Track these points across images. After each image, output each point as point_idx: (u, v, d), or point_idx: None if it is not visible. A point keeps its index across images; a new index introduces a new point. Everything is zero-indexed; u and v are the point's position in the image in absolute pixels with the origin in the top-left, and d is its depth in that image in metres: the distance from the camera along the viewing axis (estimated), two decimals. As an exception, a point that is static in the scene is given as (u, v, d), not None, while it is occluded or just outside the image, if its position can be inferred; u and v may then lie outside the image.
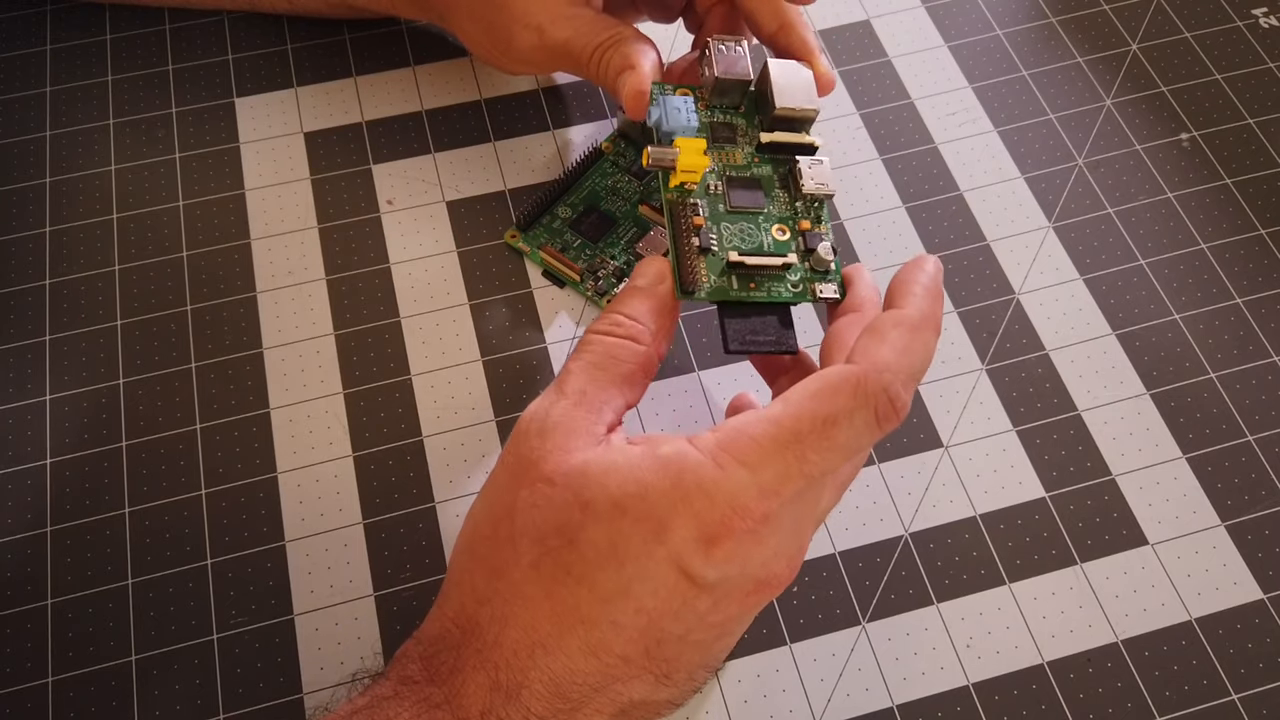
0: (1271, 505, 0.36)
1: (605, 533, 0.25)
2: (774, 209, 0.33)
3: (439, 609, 0.28)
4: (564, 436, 0.27)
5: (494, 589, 0.27)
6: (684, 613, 0.26)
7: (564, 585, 0.26)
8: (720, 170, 0.33)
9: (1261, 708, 0.32)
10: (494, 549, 0.27)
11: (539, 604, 0.26)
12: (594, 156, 0.42)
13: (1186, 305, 0.40)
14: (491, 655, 0.26)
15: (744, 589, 0.26)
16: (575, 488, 0.26)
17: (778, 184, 0.33)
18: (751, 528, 0.25)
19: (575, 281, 0.40)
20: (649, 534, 0.25)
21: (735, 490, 0.25)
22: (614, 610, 0.25)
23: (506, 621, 0.26)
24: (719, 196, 0.33)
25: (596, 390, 0.28)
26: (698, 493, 0.25)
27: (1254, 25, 0.47)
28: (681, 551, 0.25)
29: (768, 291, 0.31)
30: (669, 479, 0.25)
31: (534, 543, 0.26)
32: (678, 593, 0.25)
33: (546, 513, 0.26)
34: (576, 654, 0.26)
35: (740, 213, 0.33)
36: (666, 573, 0.25)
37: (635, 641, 0.26)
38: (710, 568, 0.25)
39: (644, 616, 0.25)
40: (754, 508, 0.25)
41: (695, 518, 0.25)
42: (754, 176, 0.33)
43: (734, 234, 0.32)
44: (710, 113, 0.35)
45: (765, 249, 0.32)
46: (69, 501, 0.36)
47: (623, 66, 0.36)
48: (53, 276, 0.40)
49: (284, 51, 0.46)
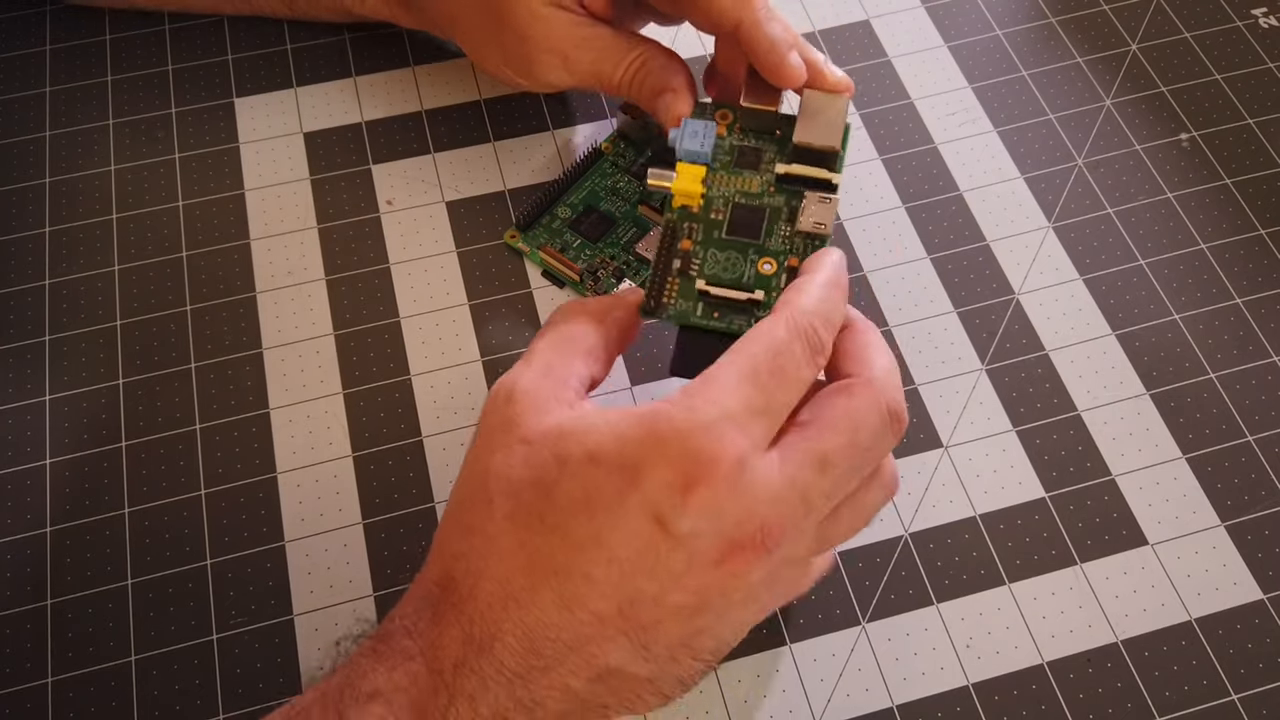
0: (1271, 505, 0.36)
1: (580, 483, 0.26)
2: (771, 242, 0.33)
3: (420, 576, 0.28)
4: (534, 400, 0.28)
5: (469, 544, 0.27)
6: (657, 568, 0.26)
7: (537, 534, 0.26)
8: (729, 197, 0.34)
9: (1261, 708, 0.32)
10: (470, 509, 0.28)
11: (513, 555, 0.26)
12: (594, 157, 0.42)
13: (1186, 305, 0.40)
14: (465, 608, 0.26)
15: (718, 548, 0.26)
16: (551, 444, 0.27)
17: (784, 216, 0.34)
18: (727, 473, 0.25)
19: (575, 282, 0.40)
20: (623, 481, 0.26)
21: (706, 426, 0.26)
22: (586, 560, 0.26)
23: (481, 574, 0.26)
24: (718, 223, 0.34)
25: (562, 362, 0.29)
26: (672, 436, 0.26)
27: (1254, 25, 0.47)
28: (655, 498, 0.25)
29: (728, 323, 0.32)
30: (643, 428, 0.26)
31: (508, 497, 0.27)
32: (651, 544, 0.25)
33: (521, 470, 0.27)
34: (549, 607, 0.26)
35: (732, 243, 0.33)
36: (639, 520, 0.25)
37: (608, 596, 0.26)
38: (683, 516, 0.25)
39: (616, 568, 0.25)
40: (727, 449, 0.25)
41: (669, 463, 0.25)
42: (762, 206, 0.34)
43: (718, 261, 0.33)
44: (744, 136, 0.35)
45: (744, 281, 0.33)
46: (69, 501, 0.36)
47: (661, 89, 0.37)
48: (52, 277, 0.40)
49: (283, 52, 0.46)
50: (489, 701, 0.25)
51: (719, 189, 0.34)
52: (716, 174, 0.34)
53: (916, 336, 0.39)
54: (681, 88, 0.37)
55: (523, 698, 0.26)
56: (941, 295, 0.40)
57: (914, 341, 0.39)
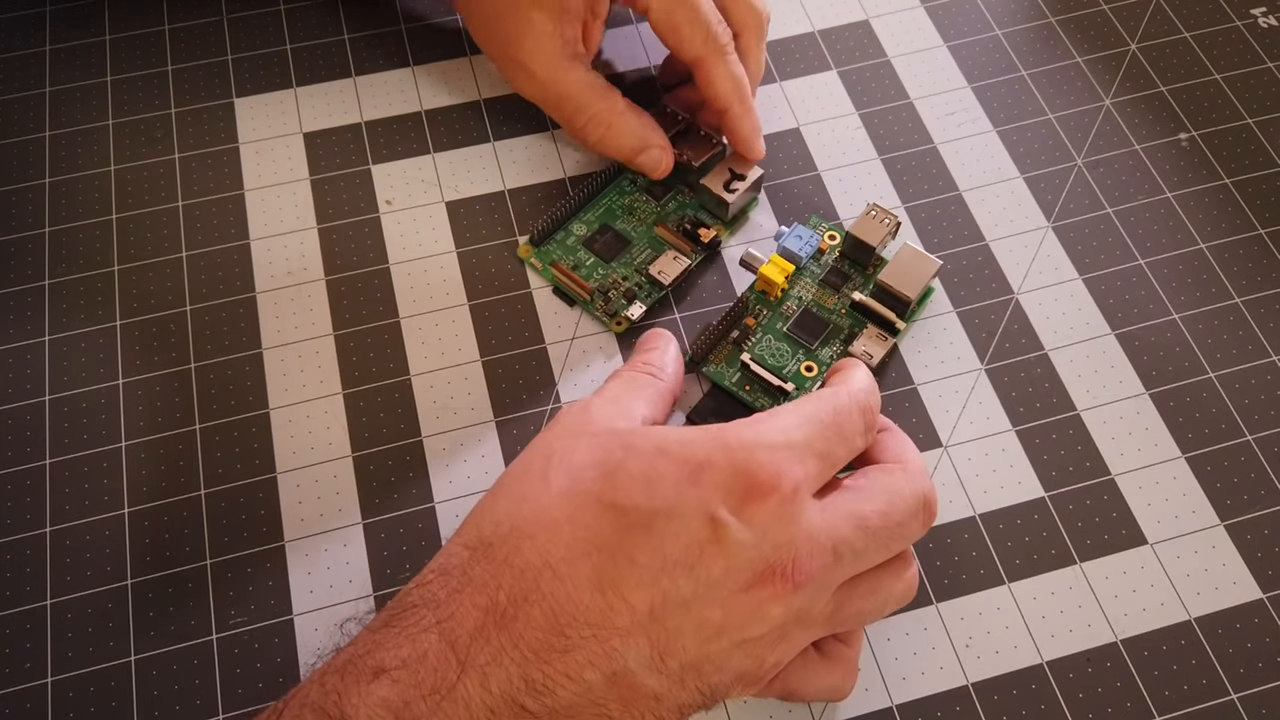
0: (1270, 505, 0.36)
1: (643, 466, 0.27)
2: (822, 353, 0.38)
3: (449, 542, 0.28)
4: (605, 414, 0.30)
5: (517, 512, 0.27)
6: (697, 569, 0.26)
7: (589, 510, 0.26)
8: (804, 300, 0.39)
9: (1261, 707, 0.32)
10: (523, 482, 0.28)
11: (559, 527, 0.26)
12: (612, 174, 0.42)
13: (1185, 305, 0.40)
14: (498, 573, 0.26)
15: (754, 566, 0.26)
16: (620, 436, 0.28)
17: (843, 337, 0.38)
18: (785, 494, 0.26)
19: (586, 301, 0.39)
20: (685, 475, 0.26)
21: (771, 446, 0.27)
22: (633, 542, 0.26)
23: (522, 538, 0.26)
24: (785, 316, 0.39)
25: (628, 398, 0.32)
26: (739, 447, 0.27)
27: (1253, 25, 0.47)
28: (713, 499, 0.26)
29: (754, 399, 0.37)
30: (710, 436, 0.28)
31: (566, 474, 0.27)
32: (697, 542, 0.26)
33: (585, 454, 0.28)
34: (584, 584, 0.25)
35: (790, 337, 0.38)
36: (693, 515, 0.26)
37: (645, 586, 0.26)
38: (737, 522, 0.26)
39: (660, 557, 0.26)
40: (787, 474, 0.27)
41: (733, 471, 0.27)
42: (828, 320, 0.39)
43: (770, 347, 0.38)
44: (841, 259, 0.40)
45: (785, 371, 0.37)
46: (69, 502, 0.36)
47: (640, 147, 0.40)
48: (52, 277, 0.40)
49: (283, 52, 0.46)
50: (500, 678, 0.25)
51: (799, 290, 0.39)
52: (802, 277, 0.39)
53: (916, 336, 0.39)
54: (665, 145, 0.41)
55: (535, 680, 0.25)
56: (941, 295, 0.40)
57: (914, 341, 0.39)
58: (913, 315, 0.39)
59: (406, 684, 0.25)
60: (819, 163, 0.43)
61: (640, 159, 0.40)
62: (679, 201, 0.42)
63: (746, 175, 0.40)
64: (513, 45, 0.39)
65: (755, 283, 0.39)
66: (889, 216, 0.39)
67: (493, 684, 0.25)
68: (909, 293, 0.38)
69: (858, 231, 0.39)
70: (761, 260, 0.39)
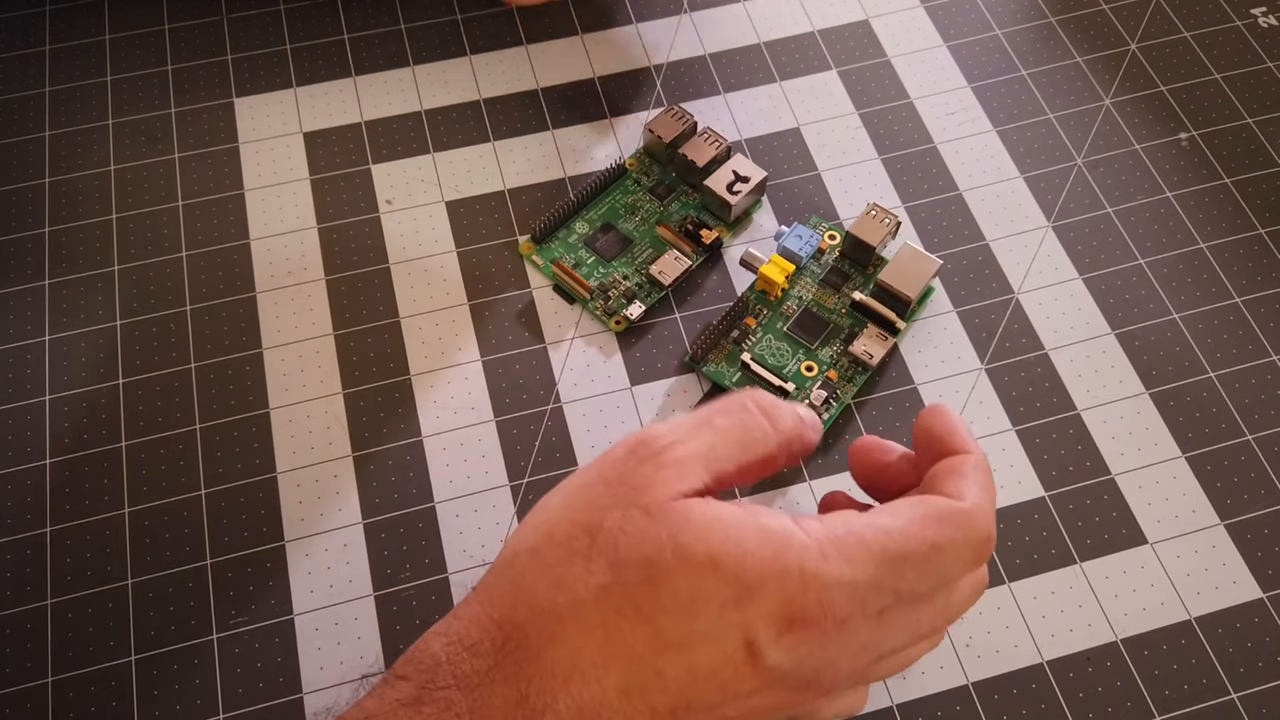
0: (1270, 504, 0.36)
1: (689, 583, 0.25)
2: (822, 353, 0.38)
3: (483, 607, 0.27)
4: (675, 475, 0.26)
5: (553, 602, 0.26)
6: (728, 686, 0.25)
7: (626, 620, 0.25)
8: (805, 300, 0.39)
9: (1260, 707, 0.32)
10: (565, 560, 0.26)
11: (594, 631, 0.25)
12: (617, 173, 0.42)
13: (1185, 305, 0.40)
14: (528, 670, 0.25)
15: (787, 684, 0.26)
16: (672, 529, 0.25)
17: (843, 337, 0.38)
18: (829, 627, 0.25)
19: (585, 299, 0.39)
20: (732, 597, 0.25)
21: (831, 583, 0.25)
22: (667, 659, 0.25)
23: (555, 638, 0.25)
24: (785, 316, 0.39)
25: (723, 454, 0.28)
26: (796, 573, 0.25)
27: (1253, 25, 0.47)
28: (756, 624, 0.25)
29: None
30: (771, 550, 0.25)
31: (610, 566, 0.25)
32: (732, 664, 0.25)
33: (635, 542, 0.26)
34: (611, 690, 0.25)
35: (790, 337, 0.38)
36: (732, 639, 0.25)
37: (671, 695, 0.25)
38: (777, 650, 0.25)
39: (690, 675, 0.25)
40: (840, 606, 0.25)
41: (783, 596, 0.25)
42: (828, 319, 0.39)
43: (770, 346, 0.38)
44: (841, 259, 0.40)
45: (784, 371, 0.37)
46: (69, 501, 0.36)
47: None
48: (52, 277, 0.40)
49: (283, 51, 0.46)
50: None
51: (799, 290, 0.39)
52: (802, 277, 0.40)
53: (916, 336, 0.39)
54: None
55: None
56: (941, 295, 0.40)
57: (914, 341, 0.39)
58: (913, 315, 0.39)
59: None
60: (819, 163, 0.43)
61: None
62: (682, 202, 0.42)
63: (750, 177, 0.40)
64: None
65: (755, 282, 0.39)
66: (889, 216, 0.39)
67: None
68: (909, 292, 0.38)
69: (858, 231, 0.39)
70: (762, 260, 0.39)
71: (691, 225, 0.41)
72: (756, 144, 0.44)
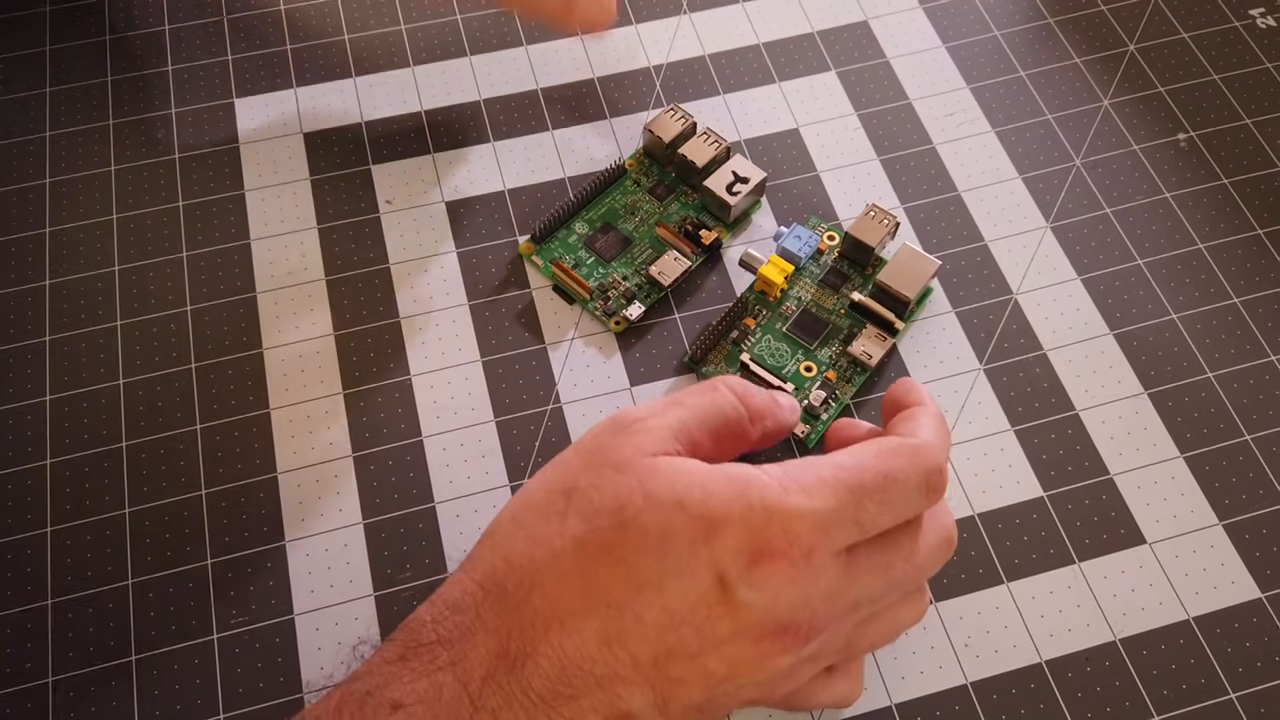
0: (1269, 504, 0.36)
1: (657, 522, 0.26)
2: (821, 353, 0.38)
3: (463, 572, 0.28)
4: (646, 440, 0.28)
5: (530, 556, 0.27)
6: (704, 627, 0.26)
7: (601, 565, 0.26)
8: (804, 301, 0.39)
9: (1259, 707, 0.33)
10: (541, 520, 0.28)
11: (570, 579, 0.26)
12: (616, 173, 0.42)
13: (1184, 305, 0.40)
14: (508, 620, 0.26)
15: (764, 626, 0.26)
16: (642, 478, 0.27)
17: (842, 337, 0.38)
18: (795, 559, 0.26)
19: (585, 299, 0.39)
20: (699, 533, 0.26)
21: (792, 512, 0.26)
22: (642, 601, 0.26)
23: (533, 589, 0.26)
24: (784, 317, 0.39)
25: (695, 430, 0.29)
26: (759, 506, 0.26)
27: (1251, 25, 0.47)
28: (724, 559, 0.26)
29: None
30: (734, 490, 0.26)
31: (584, 518, 0.27)
32: (705, 601, 0.26)
33: (606, 494, 0.27)
34: (591, 638, 0.26)
35: (789, 338, 0.38)
36: (703, 576, 0.26)
37: (651, 642, 0.26)
38: (746, 584, 0.26)
39: (667, 617, 0.26)
40: (804, 537, 0.26)
41: (748, 530, 0.26)
42: (827, 320, 0.39)
43: (769, 347, 0.38)
44: (840, 260, 0.40)
45: (783, 371, 0.38)
46: (69, 501, 0.36)
47: None
48: (53, 277, 0.40)
49: (283, 52, 0.46)
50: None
51: (798, 290, 0.39)
52: (801, 278, 0.40)
53: (915, 336, 0.39)
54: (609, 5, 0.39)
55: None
56: (940, 295, 0.40)
57: (912, 342, 0.39)
58: (912, 315, 0.39)
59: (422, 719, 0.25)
60: (818, 163, 0.43)
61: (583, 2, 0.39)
62: (681, 203, 0.42)
63: (750, 178, 0.40)
64: None
65: (754, 283, 0.39)
66: (888, 217, 0.39)
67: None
68: (908, 293, 0.38)
69: (857, 232, 0.39)
70: (761, 261, 0.39)
71: (691, 226, 0.41)
72: (756, 144, 0.44)
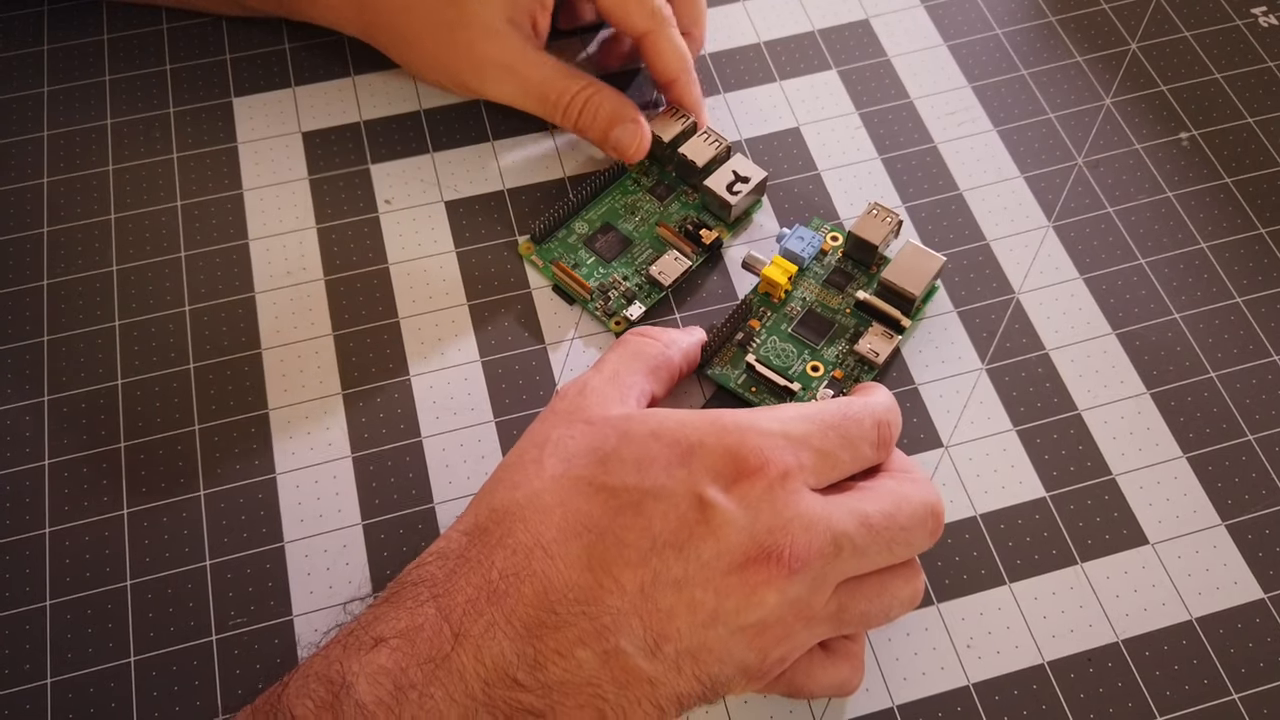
0: (1272, 505, 0.36)
1: (634, 451, 0.27)
2: (828, 352, 0.38)
3: (449, 529, 0.29)
4: (602, 396, 0.30)
5: (511, 499, 0.28)
6: (687, 548, 0.26)
7: (581, 493, 0.27)
8: (809, 301, 0.39)
9: (1262, 707, 0.32)
10: (518, 470, 0.29)
11: (551, 510, 0.27)
12: (617, 173, 0.42)
13: (1186, 304, 0.40)
14: (491, 553, 0.27)
15: (745, 548, 0.26)
16: (616, 423, 0.29)
17: (848, 336, 0.38)
18: (772, 478, 0.27)
19: (585, 299, 0.39)
20: (676, 457, 0.27)
21: (764, 432, 0.28)
22: (623, 524, 0.26)
23: (514, 524, 0.27)
24: (789, 317, 0.39)
25: (627, 373, 0.32)
26: (733, 429, 0.28)
27: (1253, 24, 0.47)
28: (702, 478, 0.27)
29: (760, 400, 0.37)
30: (707, 419, 0.28)
31: (560, 460, 0.28)
32: (686, 522, 0.26)
33: (580, 441, 0.28)
34: (575, 563, 0.26)
35: (795, 338, 0.38)
36: (682, 495, 0.26)
37: (634, 567, 0.26)
38: (723, 501, 0.26)
39: (649, 538, 0.26)
40: (778, 456, 0.27)
41: (724, 449, 0.27)
42: (833, 319, 0.39)
43: (775, 348, 0.38)
44: (844, 259, 0.40)
45: (790, 372, 0.37)
46: (69, 501, 0.36)
47: (616, 119, 0.40)
48: (51, 277, 0.40)
49: (281, 51, 0.46)
50: (493, 650, 0.25)
51: (803, 291, 0.39)
52: (805, 278, 0.39)
53: (917, 336, 0.39)
54: (639, 119, 0.40)
55: (527, 654, 0.25)
56: (942, 294, 0.40)
57: (914, 341, 0.39)
58: (918, 313, 0.39)
59: (404, 653, 0.26)
60: (819, 163, 0.43)
61: (616, 132, 0.40)
62: (681, 202, 0.42)
63: (750, 177, 0.40)
64: (476, 49, 0.40)
65: (758, 284, 0.39)
66: (890, 215, 0.39)
67: (486, 656, 0.25)
68: (913, 290, 0.38)
69: (860, 230, 0.39)
70: (764, 262, 0.39)
71: (691, 225, 0.41)
72: (756, 144, 0.44)
